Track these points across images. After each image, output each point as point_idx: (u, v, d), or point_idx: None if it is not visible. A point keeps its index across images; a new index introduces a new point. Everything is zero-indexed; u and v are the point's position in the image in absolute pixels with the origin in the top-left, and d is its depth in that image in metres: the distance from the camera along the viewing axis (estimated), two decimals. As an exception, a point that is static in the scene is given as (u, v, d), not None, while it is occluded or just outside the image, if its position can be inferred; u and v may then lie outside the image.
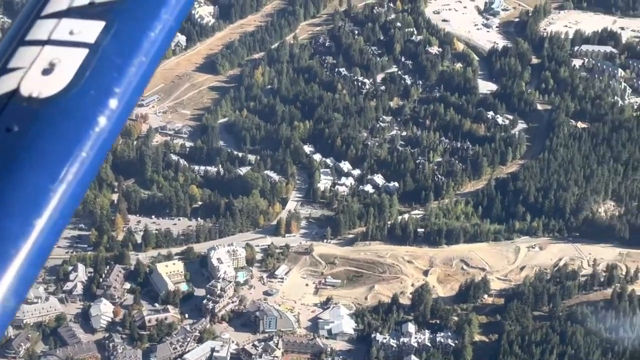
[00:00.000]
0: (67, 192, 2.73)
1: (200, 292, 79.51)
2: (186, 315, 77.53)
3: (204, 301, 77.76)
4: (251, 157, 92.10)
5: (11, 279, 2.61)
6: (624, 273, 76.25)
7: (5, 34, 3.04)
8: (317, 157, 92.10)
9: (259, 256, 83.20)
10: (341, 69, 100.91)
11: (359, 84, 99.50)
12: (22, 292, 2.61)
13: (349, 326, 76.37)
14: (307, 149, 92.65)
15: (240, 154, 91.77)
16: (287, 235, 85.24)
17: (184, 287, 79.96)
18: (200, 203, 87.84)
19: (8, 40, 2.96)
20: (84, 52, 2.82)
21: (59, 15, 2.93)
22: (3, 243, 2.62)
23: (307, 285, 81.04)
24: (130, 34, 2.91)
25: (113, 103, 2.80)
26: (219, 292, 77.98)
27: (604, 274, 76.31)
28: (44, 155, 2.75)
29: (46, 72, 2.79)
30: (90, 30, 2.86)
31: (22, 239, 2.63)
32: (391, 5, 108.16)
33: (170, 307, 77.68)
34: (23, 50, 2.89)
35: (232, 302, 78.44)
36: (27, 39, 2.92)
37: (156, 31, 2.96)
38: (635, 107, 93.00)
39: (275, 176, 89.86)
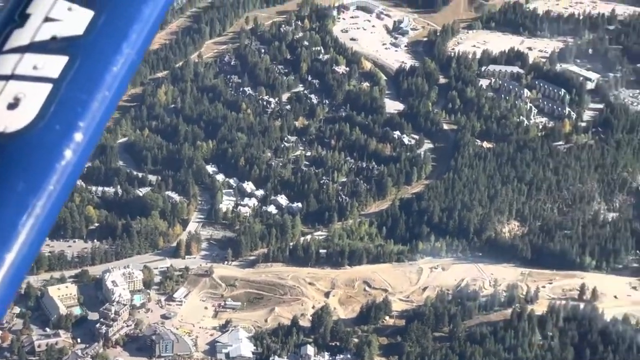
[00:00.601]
0: (35, 226, 2.73)
1: (94, 315, 77.93)
2: (78, 340, 75.93)
3: (97, 325, 76.34)
4: (152, 178, 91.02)
5: None
6: (524, 293, 76.79)
7: None
8: (220, 177, 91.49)
9: (157, 279, 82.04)
10: (246, 88, 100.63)
11: (264, 103, 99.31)
12: None
13: (247, 349, 75.53)
14: (210, 169, 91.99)
15: (140, 174, 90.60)
16: (187, 257, 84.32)
17: (77, 310, 78.39)
18: (96, 224, 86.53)
19: None
20: (48, 86, 2.83)
21: (21, 50, 2.93)
22: None
23: (206, 308, 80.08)
24: (93, 68, 2.92)
25: (78, 137, 2.81)
26: (112, 315, 76.57)
27: (504, 294, 76.76)
28: (11, 190, 2.74)
29: (11, 106, 2.80)
30: (54, 65, 2.87)
31: None
32: (299, 23, 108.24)
33: (61, 331, 76.10)
34: None
35: (127, 326, 77.10)
36: None
37: (118, 65, 2.96)
38: (540, 127, 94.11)
39: (176, 197, 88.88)
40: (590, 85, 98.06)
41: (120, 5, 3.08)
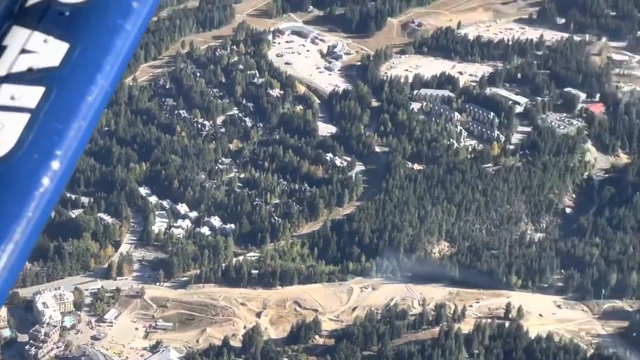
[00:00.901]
0: (15, 252, 2.83)
1: (24, 337, 77.91)
2: (8, 362, 76.25)
3: (27, 347, 76.47)
4: (84, 200, 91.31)
5: None
6: (451, 312, 78.17)
7: None
8: (153, 199, 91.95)
9: (88, 300, 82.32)
10: (181, 111, 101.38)
11: (199, 126, 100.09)
12: None
13: (178, 369, 76.35)
14: (143, 191, 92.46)
15: (73, 196, 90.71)
16: (118, 278, 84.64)
17: (6, 332, 78.36)
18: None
19: None
20: (26, 116, 2.94)
21: None
22: None
23: (137, 329, 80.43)
24: (69, 99, 3.03)
25: (55, 165, 2.92)
26: (42, 337, 76.79)
27: (432, 313, 78.10)
28: None
29: None
30: (31, 95, 2.98)
31: None
32: (234, 48, 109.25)
33: (-9, 353, 76.39)
34: None
35: (57, 347, 77.25)
36: None
37: (93, 96, 3.08)
38: (470, 149, 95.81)
39: (108, 219, 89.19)
40: (518, 109, 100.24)
41: (94, 37, 3.18)
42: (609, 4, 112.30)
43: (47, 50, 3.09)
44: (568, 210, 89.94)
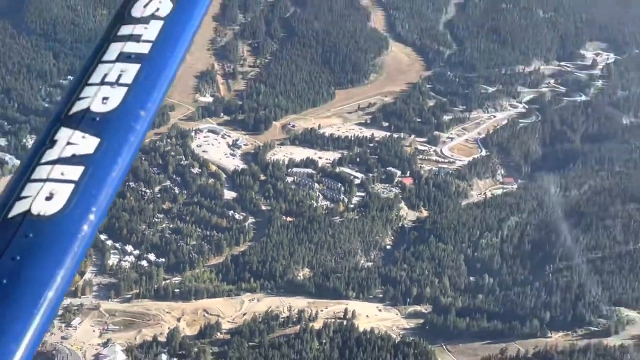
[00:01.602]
0: (55, 297, 2.76)
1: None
2: None
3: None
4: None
5: None
6: (309, 315, 78.57)
7: (16, 175, 3.16)
8: (109, 242, 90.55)
9: (60, 312, 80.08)
10: (130, 183, 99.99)
11: (142, 193, 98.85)
12: None
13: (121, 358, 74.63)
14: (102, 237, 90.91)
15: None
16: (82, 296, 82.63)
17: None
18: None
19: (18, 179, 3.06)
20: (71, 186, 2.97)
21: (52, 162, 3.07)
22: None
23: (94, 331, 78.36)
24: (100, 175, 3.04)
25: (92, 217, 2.95)
26: (25, 337, 74.44)
27: (296, 316, 78.37)
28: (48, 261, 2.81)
29: (47, 199, 2.95)
30: (75, 172, 3.01)
31: None
32: (169, 140, 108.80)
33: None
34: (30, 185, 3.01)
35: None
36: (32, 177, 3.04)
37: (116, 172, 3.09)
38: (324, 207, 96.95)
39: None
40: (357, 181, 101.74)
41: (116, 134, 3.15)
42: (416, 113, 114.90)
43: (84, 143, 3.11)
44: (388, 247, 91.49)
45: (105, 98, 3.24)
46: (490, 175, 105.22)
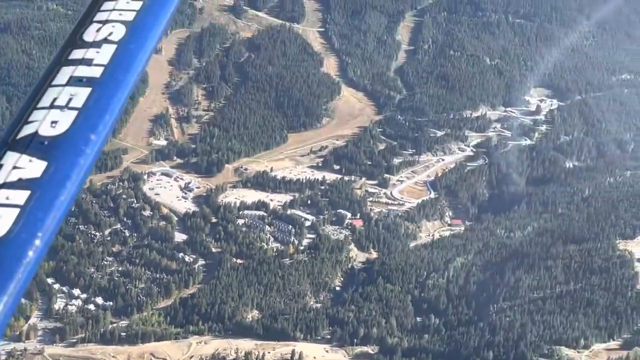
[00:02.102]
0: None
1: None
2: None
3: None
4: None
5: None
6: (256, 357, 78.37)
7: None
8: (57, 285, 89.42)
9: (3, 357, 78.62)
10: (80, 226, 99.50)
11: (92, 235, 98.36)
12: None
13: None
14: (50, 280, 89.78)
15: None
16: (27, 341, 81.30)
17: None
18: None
19: None
20: (16, 211, 2.90)
21: None
22: None
23: (37, 376, 77.32)
24: (46, 199, 2.96)
25: (37, 242, 2.89)
26: (-35, 383, 73.20)
27: (243, 358, 78.08)
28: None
29: None
30: (20, 196, 2.93)
31: None
32: (121, 184, 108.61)
33: None
34: None
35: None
36: None
37: (64, 196, 3.01)
38: (275, 249, 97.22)
39: (23, 300, 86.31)
40: (308, 223, 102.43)
41: (65, 158, 3.09)
42: (366, 156, 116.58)
43: (31, 166, 3.05)
44: (337, 288, 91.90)
45: (54, 122, 3.19)
46: (439, 217, 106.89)
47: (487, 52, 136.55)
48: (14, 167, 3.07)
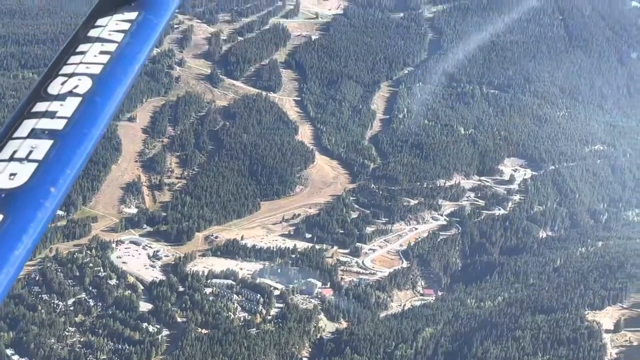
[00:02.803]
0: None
1: None
2: None
3: None
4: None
5: None
6: None
7: None
8: (16, 357, 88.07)
9: None
10: (43, 295, 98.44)
11: (54, 305, 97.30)
12: None
13: None
14: (9, 351, 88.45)
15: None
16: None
17: None
18: None
19: None
20: None
21: None
22: None
23: None
24: (7, 252, 2.98)
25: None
26: None
27: None
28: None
29: None
30: None
31: None
32: (88, 252, 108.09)
33: None
34: None
35: None
36: None
37: (21, 249, 3.02)
38: (242, 319, 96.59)
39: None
40: (277, 292, 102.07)
41: (22, 212, 3.08)
42: (339, 225, 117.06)
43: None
44: (304, 359, 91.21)
45: (12, 174, 3.15)
46: (411, 287, 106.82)
47: (461, 122, 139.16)
48: None
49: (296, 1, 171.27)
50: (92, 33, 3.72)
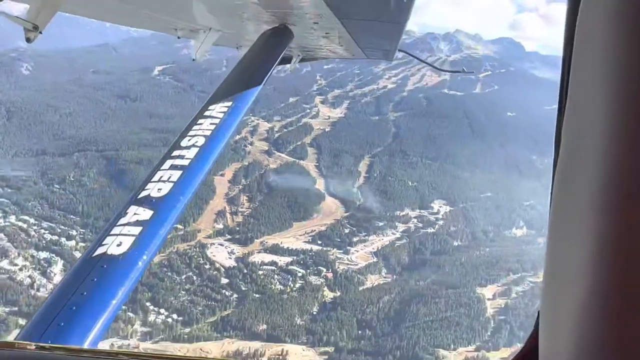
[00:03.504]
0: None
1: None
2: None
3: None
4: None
5: None
6: None
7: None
8: None
9: None
10: (167, 272, 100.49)
11: (174, 278, 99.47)
12: None
13: None
14: None
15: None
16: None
17: None
18: None
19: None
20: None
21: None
22: None
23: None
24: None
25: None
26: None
27: None
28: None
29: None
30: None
31: None
32: (195, 249, 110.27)
33: None
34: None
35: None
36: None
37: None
38: (279, 289, 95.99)
39: None
40: (300, 274, 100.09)
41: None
42: (337, 236, 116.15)
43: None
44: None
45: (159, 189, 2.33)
46: (378, 273, 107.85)
47: (409, 179, 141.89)
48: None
49: (317, 110, 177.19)
50: (207, 113, 2.92)
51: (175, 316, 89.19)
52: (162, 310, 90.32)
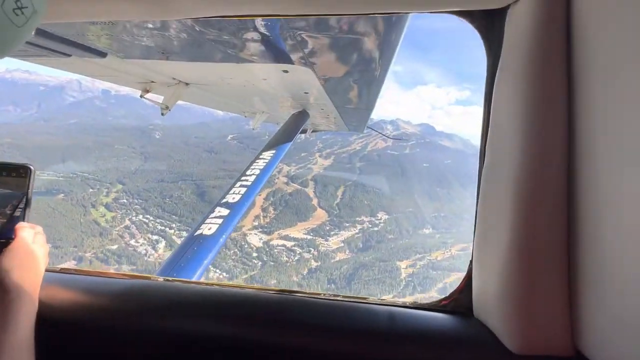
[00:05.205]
0: None
1: None
2: None
3: None
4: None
5: None
6: None
7: None
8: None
9: None
10: (235, 250, 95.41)
11: (238, 253, 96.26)
12: None
13: None
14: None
15: None
16: None
17: None
18: None
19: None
20: None
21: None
22: None
23: None
24: None
25: None
26: None
27: None
28: None
29: None
30: None
31: None
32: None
33: None
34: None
35: None
36: None
37: None
38: (287, 261, 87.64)
39: None
40: (299, 252, 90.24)
41: None
42: (324, 231, 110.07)
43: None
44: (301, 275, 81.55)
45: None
46: (346, 252, 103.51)
47: (365, 199, 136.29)
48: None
49: (316, 160, 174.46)
50: (258, 160, 2.24)
51: (224, 274, 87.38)
52: (217, 270, 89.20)
